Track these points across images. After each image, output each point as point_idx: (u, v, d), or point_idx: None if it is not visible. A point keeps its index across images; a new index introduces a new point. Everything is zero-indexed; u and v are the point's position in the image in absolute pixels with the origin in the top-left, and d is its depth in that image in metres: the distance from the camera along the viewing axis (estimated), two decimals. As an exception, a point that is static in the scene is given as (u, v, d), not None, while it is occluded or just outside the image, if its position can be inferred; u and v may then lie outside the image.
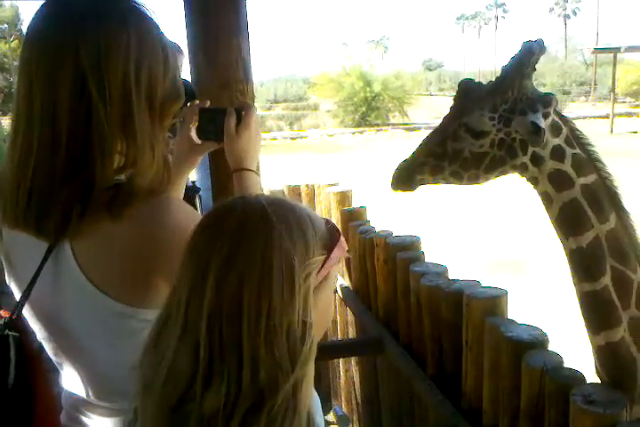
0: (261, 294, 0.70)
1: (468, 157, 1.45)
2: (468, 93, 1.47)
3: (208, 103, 1.28)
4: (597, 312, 1.50)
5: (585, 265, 1.47)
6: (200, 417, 0.70)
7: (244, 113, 1.23)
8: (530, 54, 1.39)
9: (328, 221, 0.82)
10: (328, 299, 0.81)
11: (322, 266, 0.76)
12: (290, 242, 0.73)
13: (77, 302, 0.96)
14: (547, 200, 1.49)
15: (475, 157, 1.44)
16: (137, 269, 0.93)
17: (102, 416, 1.07)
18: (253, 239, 0.72)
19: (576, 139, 1.47)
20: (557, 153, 1.44)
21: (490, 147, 1.43)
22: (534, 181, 1.49)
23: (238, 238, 0.72)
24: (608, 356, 1.51)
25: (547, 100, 1.41)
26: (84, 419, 1.09)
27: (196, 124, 1.24)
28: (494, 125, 1.42)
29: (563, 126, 1.45)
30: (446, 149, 1.45)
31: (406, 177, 1.50)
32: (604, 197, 1.46)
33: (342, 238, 0.81)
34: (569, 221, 1.46)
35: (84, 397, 1.07)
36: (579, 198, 1.44)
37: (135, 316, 0.95)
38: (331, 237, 0.79)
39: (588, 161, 1.46)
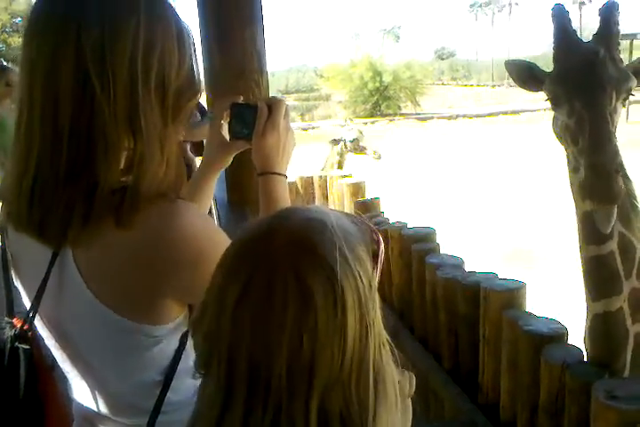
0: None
1: (615, 126, 1.33)
2: (597, 62, 1.33)
3: (241, 98, 1.16)
4: (600, 278, 1.48)
5: (596, 227, 1.43)
6: None
7: (272, 109, 1.10)
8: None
9: (361, 221, 0.66)
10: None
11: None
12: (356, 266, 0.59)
13: (79, 314, 0.90)
14: None
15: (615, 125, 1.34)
16: (143, 281, 0.85)
17: None
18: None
19: None
20: None
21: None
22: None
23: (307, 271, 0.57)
24: (602, 325, 1.49)
25: None
26: None
27: (228, 120, 1.13)
28: None
29: None
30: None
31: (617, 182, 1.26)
32: None
33: (381, 240, 0.66)
34: None
35: (95, 410, 1.01)
36: None
37: (141, 331, 0.88)
38: (373, 244, 0.64)
39: None
